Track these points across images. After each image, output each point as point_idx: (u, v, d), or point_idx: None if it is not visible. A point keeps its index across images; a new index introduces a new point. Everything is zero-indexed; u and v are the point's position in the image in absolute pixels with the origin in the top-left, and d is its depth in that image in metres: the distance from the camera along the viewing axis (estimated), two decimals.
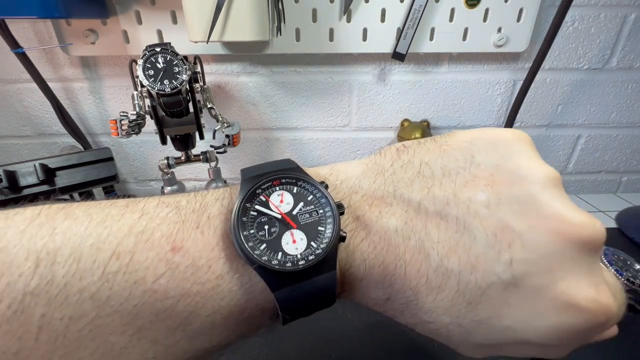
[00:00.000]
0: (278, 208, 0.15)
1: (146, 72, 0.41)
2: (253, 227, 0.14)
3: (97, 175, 0.50)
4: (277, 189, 0.15)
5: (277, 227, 0.15)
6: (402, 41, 0.51)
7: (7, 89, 0.56)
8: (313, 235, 0.15)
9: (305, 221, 0.15)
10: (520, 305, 0.13)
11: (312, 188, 0.16)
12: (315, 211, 0.15)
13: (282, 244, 0.14)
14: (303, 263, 0.14)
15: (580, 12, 0.52)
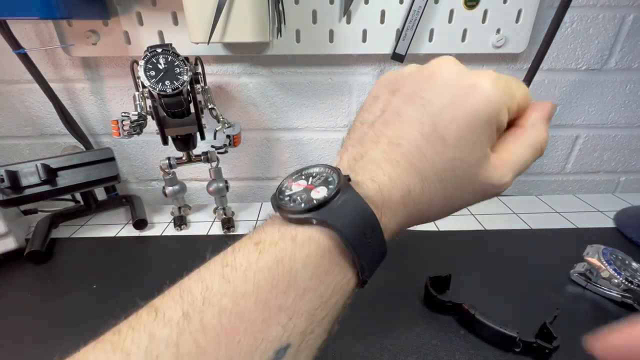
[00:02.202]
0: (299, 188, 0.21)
1: (147, 73, 0.42)
2: (290, 202, 0.20)
3: (98, 175, 0.51)
4: (292, 184, 0.22)
5: (305, 194, 0.20)
6: (402, 42, 0.51)
7: (8, 90, 0.56)
8: (327, 184, 0.20)
9: (318, 182, 0.21)
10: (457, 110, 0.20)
11: (312, 169, 0.22)
12: (321, 176, 0.21)
13: (312, 197, 0.20)
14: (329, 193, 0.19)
15: (578, 13, 0.52)
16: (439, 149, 0.20)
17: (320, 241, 0.18)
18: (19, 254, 0.47)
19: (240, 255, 0.18)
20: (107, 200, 0.59)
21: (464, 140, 0.20)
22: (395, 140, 0.21)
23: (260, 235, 0.19)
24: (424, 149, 0.21)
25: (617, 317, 0.37)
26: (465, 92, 0.20)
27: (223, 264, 0.18)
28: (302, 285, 0.17)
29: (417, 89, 0.22)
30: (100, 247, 0.50)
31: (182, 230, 0.54)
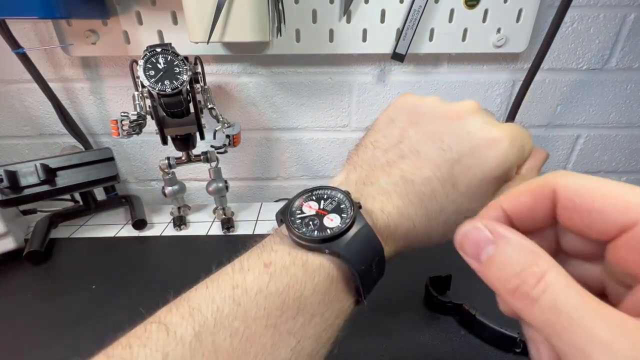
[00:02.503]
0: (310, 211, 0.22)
1: (147, 73, 0.41)
2: (303, 227, 0.21)
3: (98, 175, 0.50)
4: (303, 204, 0.22)
5: (317, 219, 0.21)
6: (402, 42, 0.51)
7: (8, 89, 0.56)
8: (340, 212, 0.21)
9: (330, 208, 0.21)
10: (475, 163, 0.21)
11: (323, 191, 0.23)
12: (333, 200, 0.22)
13: (325, 225, 0.20)
14: (343, 225, 0.20)
15: (579, 12, 0.52)
16: (449, 192, 0.21)
17: (329, 270, 0.20)
18: (18, 254, 0.47)
19: (250, 276, 0.19)
20: (106, 200, 0.59)
21: (473, 190, 0.21)
22: (409, 176, 0.22)
23: (270, 255, 0.20)
24: (436, 190, 0.21)
25: None
26: (486, 147, 0.21)
27: (233, 284, 0.19)
28: (310, 310, 0.18)
29: (438, 130, 0.22)
30: (100, 247, 0.50)
31: (182, 230, 0.54)
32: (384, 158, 0.23)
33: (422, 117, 0.23)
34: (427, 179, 0.21)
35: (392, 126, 0.24)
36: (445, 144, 0.21)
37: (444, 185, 0.21)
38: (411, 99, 0.25)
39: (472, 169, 0.21)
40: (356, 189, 0.23)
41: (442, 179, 0.21)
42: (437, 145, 0.21)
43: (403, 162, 0.22)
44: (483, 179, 0.21)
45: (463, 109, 0.22)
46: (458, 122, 0.22)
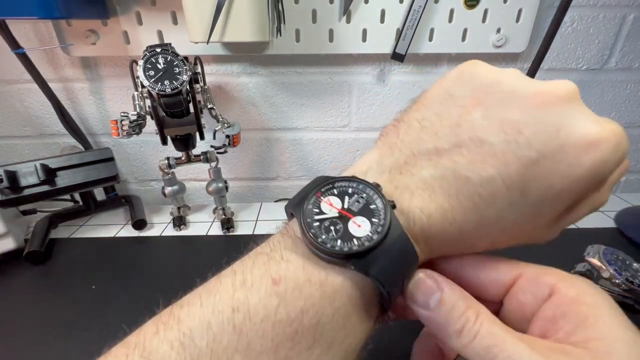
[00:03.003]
0: (332, 210, 0.17)
1: (147, 73, 0.41)
2: (322, 233, 0.16)
3: (97, 175, 0.50)
4: (321, 199, 0.18)
5: (340, 223, 0.17)
6: (402, 42, 0.51)
7: (7, 90, 0.56)
8: (369, 214, 0.17)
9: (357, 208, 0.17)
10: (557, 167, 0.16)
11: (347, 183, 0.18)
12: (360, 197, 0.17)
13: (351, 232, 0.16)
14: (376, 236, 0.16)
15: (579, 12, 0.52)
16: (515, 200, 0.16)
17: (352, 291, 0.16)
18: (18, 254, 0.46)
19: (255, 296, 0.15)
20: (106, 200, 0.59)
21: (546, 201, 0.17)
22: (463, 171, 0.17)
23: (280, 267, 0.16)
24: (498, 195, 0.16)
25: None
26: (582, 149, 0.15)
27: (233, 305, 0.15)
28: (328, 339, 0.16)
29: (516, 118, 0.16)
30: (100, 248, 0.50)
31: (182, 230, 0.54)
32: (432, 143, 0.18)
33: (494, 96, 0.17)
34: (488, 178, 0.16)
35: (449, 102, 0.18)
36: (522, 138, 0.16)
37: (509, 190, 0.16)
38: (481, 70, 0.18)
39: (554, 176, 0.16)
40: (390, 177, 0.18)
41: (510, 182, 0.16)
42: (510, 138, 0.16)
43: (458, 152, 0.17)
44: (565, 190, 0.16)
45: (556, 93, 0.16)
46: (546, 111, 0.16)
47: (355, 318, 0.16)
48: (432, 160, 0.17)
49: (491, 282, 0.18)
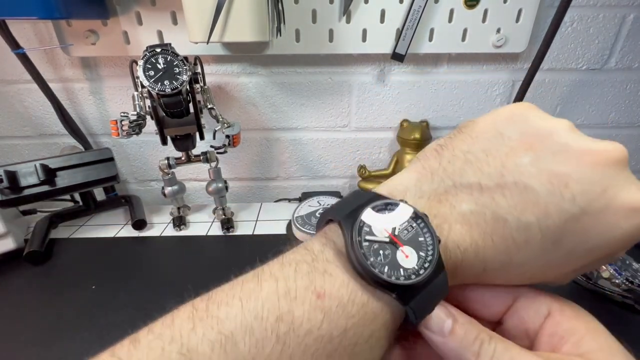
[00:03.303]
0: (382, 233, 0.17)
1: (147, 73, 0.41)
2: (371, 255, 0.16)
3: (97, 175, 0.50)
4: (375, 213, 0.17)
5: (389, 249, 0.17)
6: (402, 42, 0.51)
7: (7, 90, 0.56)
8: (418, 246, 0.17)
9: (407, 237, 0.17)
10: (595, 227, 0.16)
11: (398, 209, 0.18)
12: (410, 226, 0.17)
13: (399, 261, 0.16)
14: (423, 272, 0.16)
15: (579, 12, 0.52)
16: (547, 248, 0.17)
17: (388, 316, 0.17)
18: (18, 254, 0.47)
19: (300, 309, 0.15)
20: (106, 200, 0.59)
21: (576, 255, 0.17)
22: (503, 212, 0.17)
23: (324, 281, 0.16)
24: (531, 242, 0.17)
25: (618, 317, 0.37)
26: (622, 214, 0.16)
27: (278, 314, 0.15)
28: (360, 358, 0.16)
29: (564, 170, 0.16)
30: (100, 248, 0.50)
31: (182, 230, 0.54)
32: (475, 178, 0.18)
33: (545, 144, 0.17)
34: (526, 224, 0.16)
35: (498, 141, 0.18)
36: (568, 192, 0.16)
37: (544, 239, 0.16)
38: (535, 114, 0.18)
39: (590, 233, 0.16)
40: (428, 204, 0.18)
41: (546, 232, 0.16)
42: (556, 189, 0.16)
43: (501, 192, 0.17)
44: (597, 247, 0.17)
45: (608, 154, 0.16)
46: (596, 170, 0.16)
47: (385, 340, 0.17)
48: (473, 196, 0.17)
49: (495, 298, 0.19)
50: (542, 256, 0.17)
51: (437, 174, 0.19)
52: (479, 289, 0.20)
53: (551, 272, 0.18)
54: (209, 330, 0.14)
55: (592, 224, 0.16)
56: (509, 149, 0.18)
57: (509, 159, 0.17)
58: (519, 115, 0.18)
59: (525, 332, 0.18)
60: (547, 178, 0.16)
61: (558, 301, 0.18)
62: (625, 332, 0.17)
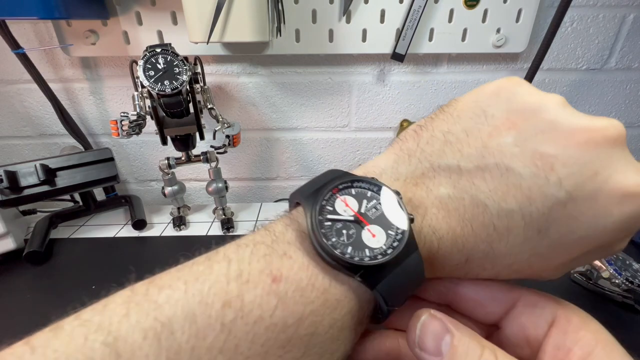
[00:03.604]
0: (346, 212, 0.16)
1: (147, 73, 0.41)
2: (333, 235, 0.15)
3: (97, 175, 0.50)
4: (337, 196, 0.16)
5: (354, 229, 0.15)
6: (402, 42, 0.51)
7: (7, 90, 0.56)
8: (386, 225, 0.15)
9: (374, 215, 0.16)
10: (584, 214, 0.14)
11: (367, 185, 0.16)
12: (378, 204, 0.16)
13: (364, 241, 0.15)
14: (391, 251, 0.15)
15: (579, 12, 0.52)
16: (530, 237, 0.15)
17: (354, 303, 0.15)
18: (18, 254, 0.46)
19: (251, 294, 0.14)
20: (106, 200, 0.59)
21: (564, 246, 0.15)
22: (482, 197, 0.15)
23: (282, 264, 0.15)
24: (513, 229, 0.15)
25: (618, 317, 0.37)
26: (616, 200, 0.14)
27: (225, 298, 0.13)
28: (319, 351, 0.14)
29: (551, 151, 0.15)
30: (100, 248, 0.50)
31: (182, 230, 0.54)
32: (454, 160, 0.16)
33: (531, 122, 0.15)
34: (508, 211, 0.15)
35: (480, 119, 0.17)
36: (554, 175, 0.14)
37: (527, 227, 0.15)
38: (522, 90, 0.17)
39: (578, 222, 0.15)
40: (404, 187, 0.17)
41: (529, 219, 0.15)
42: (540, 172, 0.15)
43: (481, 176, 0.16)
44: (586, 237, 0.15)
45: (604, 133, 0.14)
46: (587, 151, 0.14)
47: (349, 331, 0.15)
48: (452, 179, 0.16)
49: (492, 299, 0.18)
50: (527, 246, 0.15)
51: (414, 156, 0.18)
52: (474, 287, 0.18)
53: (538, 264, 0.16)
54: (144, 317, 0.13)
55: (580, 211, 0.14)
56: (492, 128, 0.16)
57: (491, 139, 0.16)
58: (505, 90, 0.17)
59: (526, 341, 0.17)
60: (531, 159, 0.15)
61: (564, 307, 0.16)
62: (626, 333, 0.17)
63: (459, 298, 0.18)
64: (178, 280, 0.14)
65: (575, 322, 0.16)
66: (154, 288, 0.14)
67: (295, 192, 0.18)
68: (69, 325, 0.13)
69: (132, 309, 0.13)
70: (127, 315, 0.13)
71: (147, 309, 0.13)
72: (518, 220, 0.15)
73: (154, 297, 0.13)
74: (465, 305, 0.18)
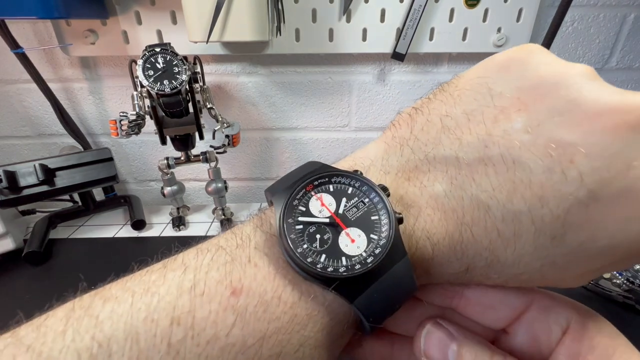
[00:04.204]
0: (322, 212, 0.14)
1: (146, 73, 0.41)
2: (304, 241, 0.13)
3: (96, 175, 0.50)
4: (312, 194, 0.14)
5: (329, 233, 0.13)
6: (402, 41, 0.51)
7: (7, 90, 0.56)
8: (369, 227, 0.13)
9: (355, 216, 0.14)
10: (611, 218, 0.11)
11: (348, 180, 0.14)
12: (360, 202, 0.14)
13: (341, 247, 0.13)
14: (372, 260, 0.13)
15: (579, 12, 0.52)
16: (543, 245, 0.12)
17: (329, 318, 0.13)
18: (17, 254, 0.46)
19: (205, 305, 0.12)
20: (105, 200, 0.59)
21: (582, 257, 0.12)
22: (484, 197, 0.13)
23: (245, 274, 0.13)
24: (522, 235, 0.13)
25: (619, 317, 0.37)
26: None
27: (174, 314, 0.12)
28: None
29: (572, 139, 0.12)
30: (99, 248, 0.50)
31: (181, 230, 0.54)
32: (452, 150, 0.14)
33: (547, 101, 0.12)
34: (514, 214, 0.12)
35: (485, 100, 0.14)
36: (574, 170, 0.11)
37: (538, 233, 0.12)
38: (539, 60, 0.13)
39: (603, 228, 0.12)
40: (395, 182, 0.15)
41: (541, 224, 0.12)
42: (556, 166, 0.12)
43: (483, 170, 0.13)
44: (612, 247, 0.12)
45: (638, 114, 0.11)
46: (620, 138, 0.11)
47: (324, 349, 0.13)
48: (449, 174, 0.14)
49: (501, 303, 0.15)
50: (538, 255, 0.13)
51: (406, 145, 0.15)
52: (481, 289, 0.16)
53: (553, 275, 0.14)
54: (81, 336, 0.11)
55: (606, 215, 0.11)
56: (498, 111, 0.13)
57: (496, 124, 0.13)
58: (517, 62, 0.14)
59: (537, 348, 0.15)
60: (545, 149, 0.12)
61: (579, 311, 0.14)
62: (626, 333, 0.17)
63: (464, 301, 0.16)
64: (126, 292, 0.13)
65: (590, 327, 0.14)
66: (99, 300, 0.12)
67: (269, 186, 0.15)
68: (2, 343, 0.12)
69: (70, 326, 0.12)
70: (63, 333, 0.11)
71: (87, 326, 0.11)
72: (527, 225, 0.12)
73: (96, 311, 0.12)
74: (472, 309, 0.16)
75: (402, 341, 0.16)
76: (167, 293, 0.12)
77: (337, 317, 0.13)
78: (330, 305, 0.13)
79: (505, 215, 0.13)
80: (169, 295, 0.12)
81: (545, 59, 0.13)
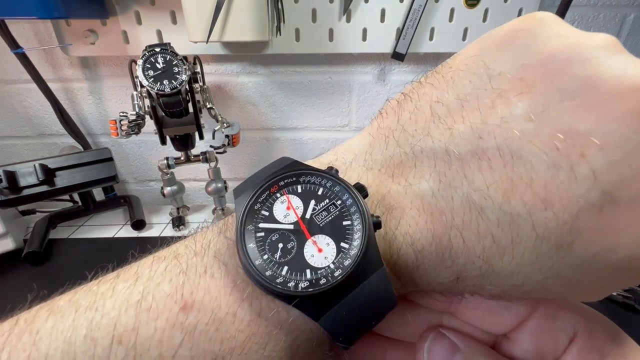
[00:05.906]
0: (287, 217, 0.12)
1: (146, 72, 0.41)
2: (265, 250, 0.11)
3: (96, 175, 0.50)
4: (278, 196, 0.12)
5: (294, 241, 0.12)
6: (402, 41, 0.51)
7: (7, 90, 0.56)
8: (340, 234, 0.12)
9: (324, 221, 0.12)
10: (632, 224, 0.09)
11: (319, 179, 0.12)
12: (332, 204, 0.12)
13: (306, 258, 0.11)
14: (340, 272, 0.11)
15: (579, 12, 0.52)
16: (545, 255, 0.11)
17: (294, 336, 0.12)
18: (17, 254, 0.46)
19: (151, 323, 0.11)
20: (105, 200, 0.59)
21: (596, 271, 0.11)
22: (477, 198, 0.11)
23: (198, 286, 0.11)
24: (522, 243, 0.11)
25: (619, 317, 0.37)
26: None
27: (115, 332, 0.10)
28: None
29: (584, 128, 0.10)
30: (99, 248, 0.50)
31: (181, 230, 0.54)
32: (441, 141, 0.12)
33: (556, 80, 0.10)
34: (512, 218, 0.11)
35: (481, 80, 0.12)
36: (585, 165, 0.10)
37: (541, 240, 0.10)
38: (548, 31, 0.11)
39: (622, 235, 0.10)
40: (378, 179, 0.13)
41: (544, 230, 0.10)
42: (562, 159, 0.10)
43: (477, 165, 0.11)
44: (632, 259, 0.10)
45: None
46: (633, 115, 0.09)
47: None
48: (437, 169, 0.12)
49: (504, 308, 0.14)
50: (541, 265, 0.11)
51: (392, 137, 0.13)
52: None
53: (559, 288, 0.12)
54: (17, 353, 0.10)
55: (625, 221, 0.09)
56: (496, 94, 0.11)
57: (493, 110, 0.11)
58: (523, 34, 0.11)
59: (541, 356, 0.13)
60: (550, 140, 0.10)
61: (586, 318, 0.13)
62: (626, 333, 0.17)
63: (464, 306, 0.15)
64: (72, 305, 0.11)
65: (600, 335, 0.13)
66: (44, 313, 0.11)
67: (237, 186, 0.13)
68: None
69: (8, 343, 0.11)
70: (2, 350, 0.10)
71: (25, 344, 0.10)
72: (527, 231, 0.10)
73: (37, 326, 0.11)
74: (472, 314, 0.15)
75: (396, 345, 0.15)
76: (113, 307, 0.11)
77: (304, 333, 0.12)
78: (295, 321, 0.11)
79: (501, 219, 0.11)
80: (114, 310, 0.11)
81: (558, 29, 0.11)
